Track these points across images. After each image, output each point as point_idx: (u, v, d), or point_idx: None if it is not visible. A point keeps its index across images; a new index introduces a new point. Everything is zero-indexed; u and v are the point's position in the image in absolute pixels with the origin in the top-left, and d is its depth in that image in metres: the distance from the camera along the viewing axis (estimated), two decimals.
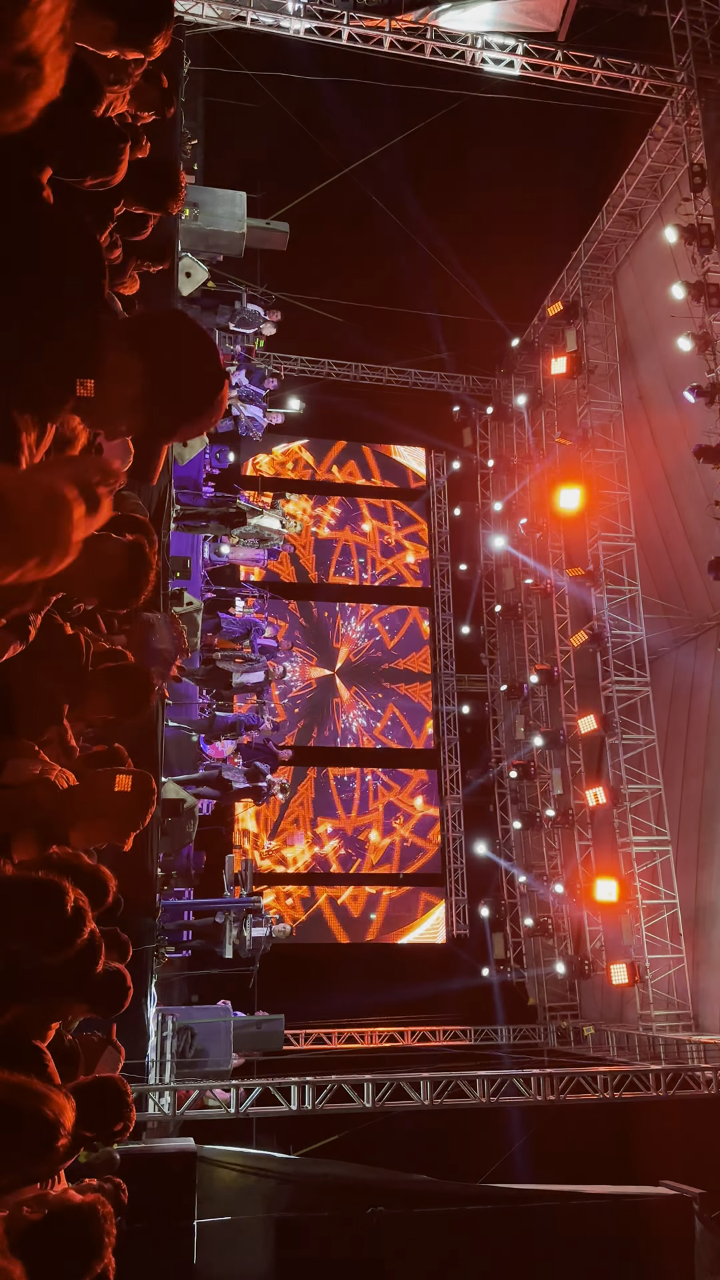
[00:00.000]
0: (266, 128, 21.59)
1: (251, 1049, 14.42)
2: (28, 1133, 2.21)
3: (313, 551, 25.03)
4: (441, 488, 26.32)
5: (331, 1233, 10.57)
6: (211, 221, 15.00)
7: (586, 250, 19.83)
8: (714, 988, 16.67)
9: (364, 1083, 11.87)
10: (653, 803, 18.51)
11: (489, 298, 21.42)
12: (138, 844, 11.11)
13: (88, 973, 2.74)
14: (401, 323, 21.74)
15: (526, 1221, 10.97)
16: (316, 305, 19.98)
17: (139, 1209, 9.60)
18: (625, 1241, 11.04)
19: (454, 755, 24.57)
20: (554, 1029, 20.90)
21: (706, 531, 17.03)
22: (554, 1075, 12.30)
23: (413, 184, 22.19)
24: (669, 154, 17.10)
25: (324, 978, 20.62)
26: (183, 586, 14.27)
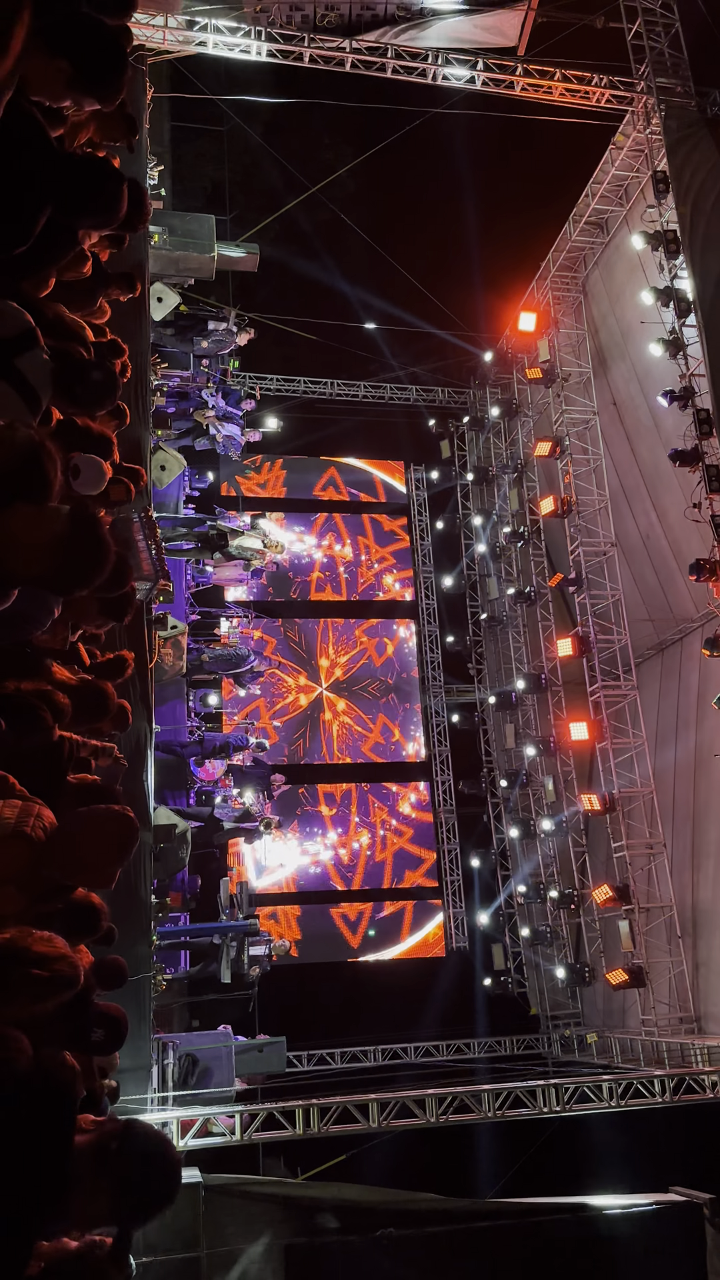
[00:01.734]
0: (233, 151, 21.75)
1: (254, 1073, 14.31)
2: None
3: (296, 569, 25.03)
4: (422, 501, 26.39)
5: (342, 1257, 10.46)
6: (181, 245, 15.04)
7: (555, 260, 19.99)
8: (714, 989, 16.64)
9: (369, 1103, 11.78)
10: (644, 806, 18.53)
11: (461, 310, 21.60)
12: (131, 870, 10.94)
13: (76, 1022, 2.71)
14: (375, 339, 21.85)
15: (538, 1235, 10.88)
16: (290, 325, 20.07)
17: (146, 1243, 9.51)
18: (637, 1250, 10.96)
19: (446, 767, 24.55)
20: (557, 1038, 20.82)
21: (686, 534, 17.12)
22: (559, 1086, 12.24)
23: (381, 201, 22.38)
24: (632, 162, 17.27)
25: (324, 997, 20.51)
26: (166, 610, 14.23)
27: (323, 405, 24.14)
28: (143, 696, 12.12)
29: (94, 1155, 2.23)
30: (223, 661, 17.96)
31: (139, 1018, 11.02)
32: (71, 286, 4.67)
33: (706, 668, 17.50)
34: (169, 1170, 2.35)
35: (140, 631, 11.54)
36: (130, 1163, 2.26)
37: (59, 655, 4.25)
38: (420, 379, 24.63)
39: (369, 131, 18.48)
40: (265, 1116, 11.49)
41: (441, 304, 20.30)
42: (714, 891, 16.86)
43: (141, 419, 12.47)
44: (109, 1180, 2.24)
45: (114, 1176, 2.25)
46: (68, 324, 4.67)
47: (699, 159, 15.54)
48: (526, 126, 17.04)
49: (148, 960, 11.52)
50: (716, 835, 16.84)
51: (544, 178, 20.57)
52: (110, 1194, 2.25)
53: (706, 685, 17.46)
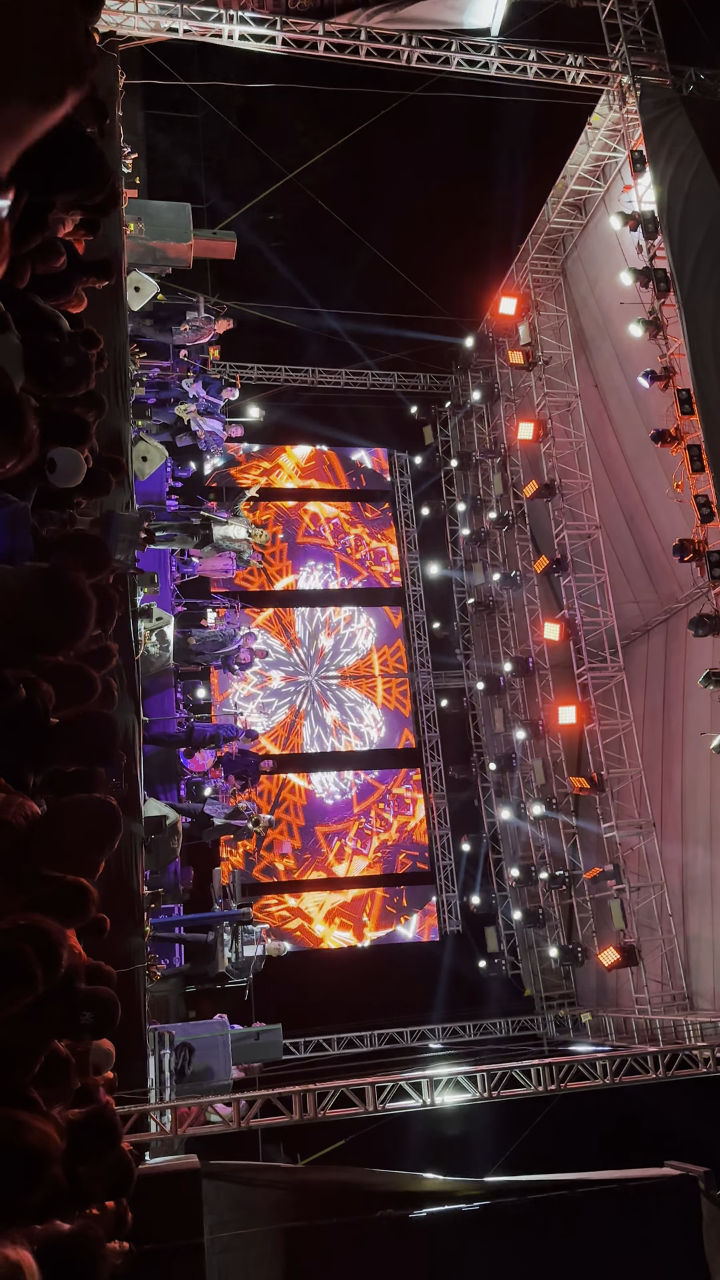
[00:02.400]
0: (208, 139, 21.59)
1: (251, 1061, 14.38)
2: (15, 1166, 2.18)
3: (281, 558, 24.99)
4: (406, 487, 26.37)
5: (343, 1238, 10.53)
6: (158, 234, 14.96)
7: (534, 242, 19.96)
8: (706, 965, 16.78)
9: (365, 1087, 11.84)
10: (634, 786, 18.64)
11: (441, 295, 21.54)
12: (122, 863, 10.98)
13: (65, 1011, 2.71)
14: (355, 325, 21.78)
15: (536, 1211, 10.97)
16: (269, 312, 19.99)
17: (147, 1230, 9.54)
18: (633, 1223, 11.06)
19: (436, 753, 24.61)
20: (552, 1018, 20.97)
21: (670, 514, 17.17)
22: (554, 1065, 12.33)
23: (359, 186, 22.27)
24: (609, 143, 17.25)
25: (319, 984, 20.58)
26: (152, 601, 14.20)
27: (304, 393, 24.08)
28: (130, 688, 12.11)
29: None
30: (210, 643, 17.92)
31: (134, 1009, 11.05)
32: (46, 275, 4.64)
33: (692, 647, 17.59)
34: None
35: (126, 623, 11.53)
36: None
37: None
38: (402, 365, 24.58)
39: (345, 117, 18.37)
40: (263, 1103, 11.54)
41: (421, 289, 20.25)
42: (704, 869, 16.99)
43: (121, 409, 12.42)
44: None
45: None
46: (42, 312, 4.64)
47: (675, 138, 15.52)
48: (502, 108, 17.00)
49: (141, 952, 11.53)
50: (705, 813, 16.95)
51: (521, 160, 20.51)
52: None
53: (692, 665, 17.55)
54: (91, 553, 4.18)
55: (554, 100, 16.57)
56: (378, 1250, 10.49)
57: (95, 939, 4.21)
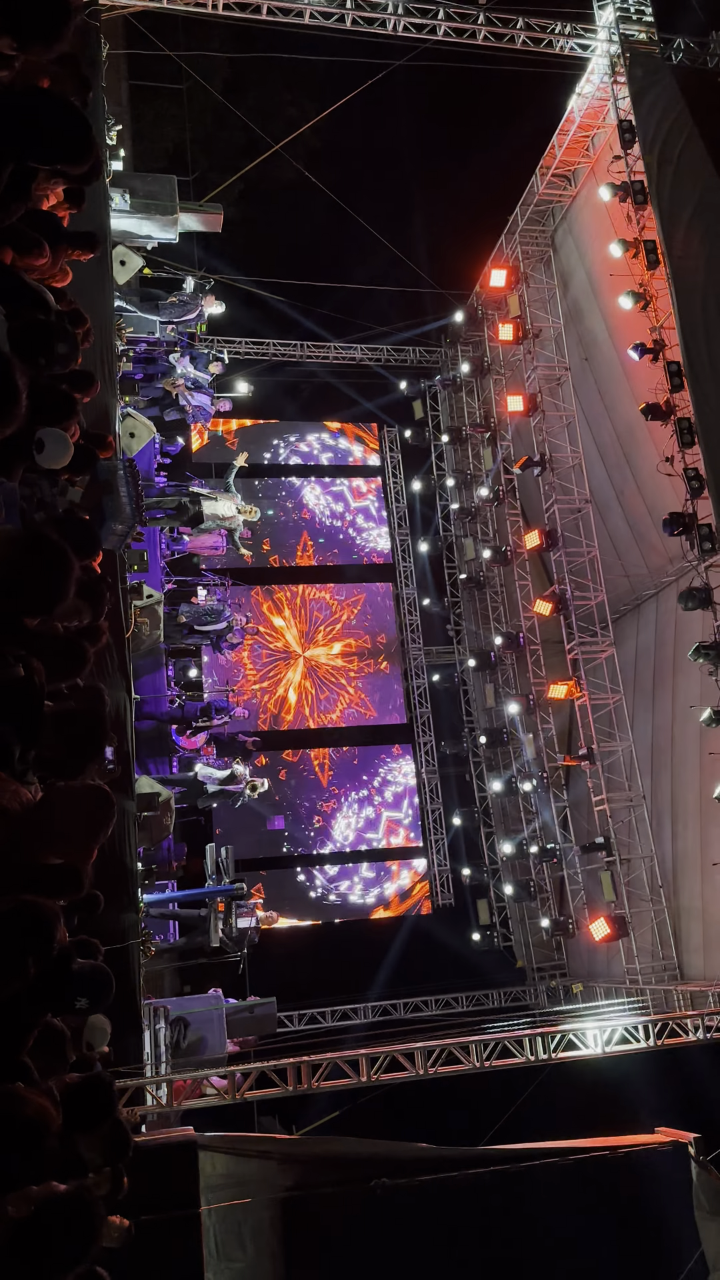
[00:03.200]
0: (194, 110, 21.31)
1: (246, 1034, 14.49)
2: (13, 1137, 2.21)
3: (272, 534, 24.92)
4: (396, 462, 26.28)
5: (337, 1207, 10.67)
6: (143, 208, 14.78)
7: (523, 214, 19.80)
8: (696, 936, 16.96)
9: (359, 1058, 11.96)
10: (624, 759, 18.74)
11: (430, 267, 21.39)
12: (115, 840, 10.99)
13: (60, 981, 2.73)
14: (344, 299, 21.63)
15: (528, 1178, 11.12)
16: (257, 286, 19.82)
17: (144, 1202, 9.66)
18: (625, 1189, 11.23)
19: (427, 728, 24.69)
20: (543, 989, 21.18)
21: (660, 488, 17.16)
22: (545, 1035, 12.47)
23: (346, 158, 22.06)
24: (597, 112, 17.08)
25: (313, 958, 20.75)
26: (141, 579, 14.16)
27: (293, 367, 23.93)
28: (121, 666, 12.10)
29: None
30: (200, 618, 17.86)
31: (129, 984, 11.12)
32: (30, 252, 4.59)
33: (682, 621, 17.64)
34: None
35: (116, 601, 11.50)
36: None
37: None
38: (392, 338, 24.43)
39: (331, 87, 18.14)
40: (258, 1075, 11.65)
41: (410, 261, 20.10)
42: (693, 841, 17.13)
43: (109, 385, 12.33)
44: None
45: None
46: (29, 288, 4.60)
47: (664, 107, 15.39)
48: (490, 77, 16.80)
49: (135, 928, 11.59)
50: (695, 786, 17.06)
51: (510, 130, 20.34)
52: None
53: (682, 639, 17.62)
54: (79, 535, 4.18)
55: (543, 69, 16.40)
56: (372, 1218, 10.63)
57: (88, 916, 4.25)
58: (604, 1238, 10.97)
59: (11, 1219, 2.16)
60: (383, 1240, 10.61)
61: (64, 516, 4.46)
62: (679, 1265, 10.56)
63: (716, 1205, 11.11)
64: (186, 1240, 9.97)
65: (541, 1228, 10.92)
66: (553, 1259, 10.75)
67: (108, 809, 3.08)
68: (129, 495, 9.72)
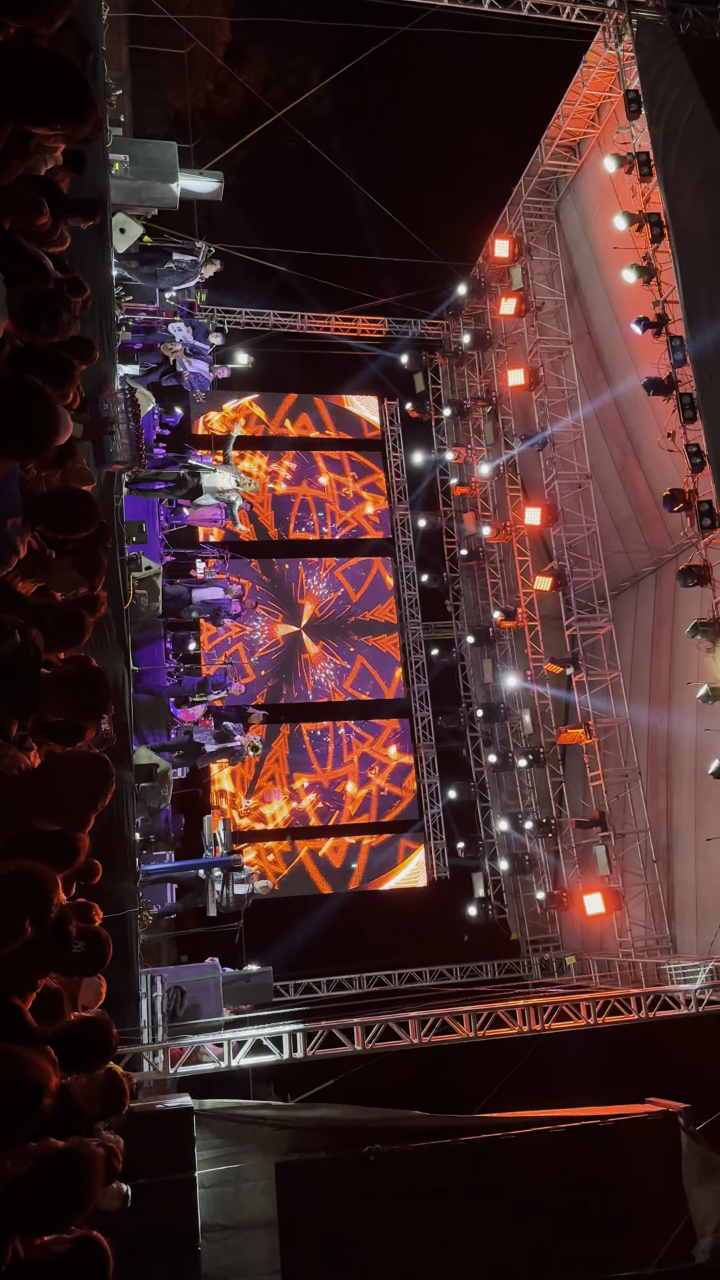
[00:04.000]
0: (195, 75, 21.03)
1: (242, 1003, 14.63)
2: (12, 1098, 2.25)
3: (271, 508, 24.86)
4: (397, 436, 26.16)
5: (330, 1173, 10.83)
6: (143, 174, 14.61)
7: (527, 185, 19.59)
8: (689, 911, 17.08)
9: (353, 1026, 12.09)
10: (620, 735, 18.81)
11: (433, 239, 21.17)
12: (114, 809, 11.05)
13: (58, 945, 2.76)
14: (345, 269, 21.45)
15: (519, 1147, 11.28)
16: (257, 255, 19.65)
17: (141, 1166, 9.80)
18: (616, 1158, 11.40)
19: (425, 703, 24.75)
20: (537, 962, 21.36)
21: (661, 464, 17.10)
22: (538, 1006, 12.60)
23: (348, 126, 21.81)
24: (604, 82, 16.86)
25: (310, 929, 20.91)
26: (140, 551, 14.13)
27: (293, 339, 23.75)
28: (119, 638, 12.12)
29: None
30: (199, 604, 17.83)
31: (126, 952, 11.22)
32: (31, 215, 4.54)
33: (681, 598, 17.65)
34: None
35: (114, 572, 11.49)
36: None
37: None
38: (393, 310, 24.24)
39: (335, 53, 17.91)
40: (253, 1043, 11.78)
41: (413, 232, 19.90)
42: (688, 817, 17.22)
43: (108, 354, 12.25)
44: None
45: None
46: (27, 253, 4.56)
47: (672, 77, 15.17)
48: (496, 45, 16.60)
49: (133, 896, 11.68)
50: (690, 762, 17.13)
51: (515, 99, 20.09)
52: None
53: (680, 616, 17.61)
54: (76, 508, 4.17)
55: (549, 37, 16.18)
56: (365, 1184, 10.79)
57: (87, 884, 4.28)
58: (594, 1204, 11.14)
59: (9, 1174, 2.20)
60: (376, 1205, 10.77)
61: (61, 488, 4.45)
62: (666, 1232, 10.73)
63: (704, 1174, 11.29)
64: (181, 1203, 10.14)
65: (534, 1194, 11.08)
66: (543, 1225, 10.92)
67: (106, 777, 3.10)
68: (129, 434, 9.71)
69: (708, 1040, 13.40)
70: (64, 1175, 2.36)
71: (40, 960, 2.73)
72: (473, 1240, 10.76)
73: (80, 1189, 2.36)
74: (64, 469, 4.74)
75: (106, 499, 11.76)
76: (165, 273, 15.62)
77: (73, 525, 4.13)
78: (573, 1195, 11.17)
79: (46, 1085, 2.32)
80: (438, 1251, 10.66)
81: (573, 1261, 10.88)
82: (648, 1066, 14.18)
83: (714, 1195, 11.05)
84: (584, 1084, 14.64)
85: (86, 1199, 2.35)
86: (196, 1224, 10.22)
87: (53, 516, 3.90)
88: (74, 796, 3.14)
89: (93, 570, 4.32)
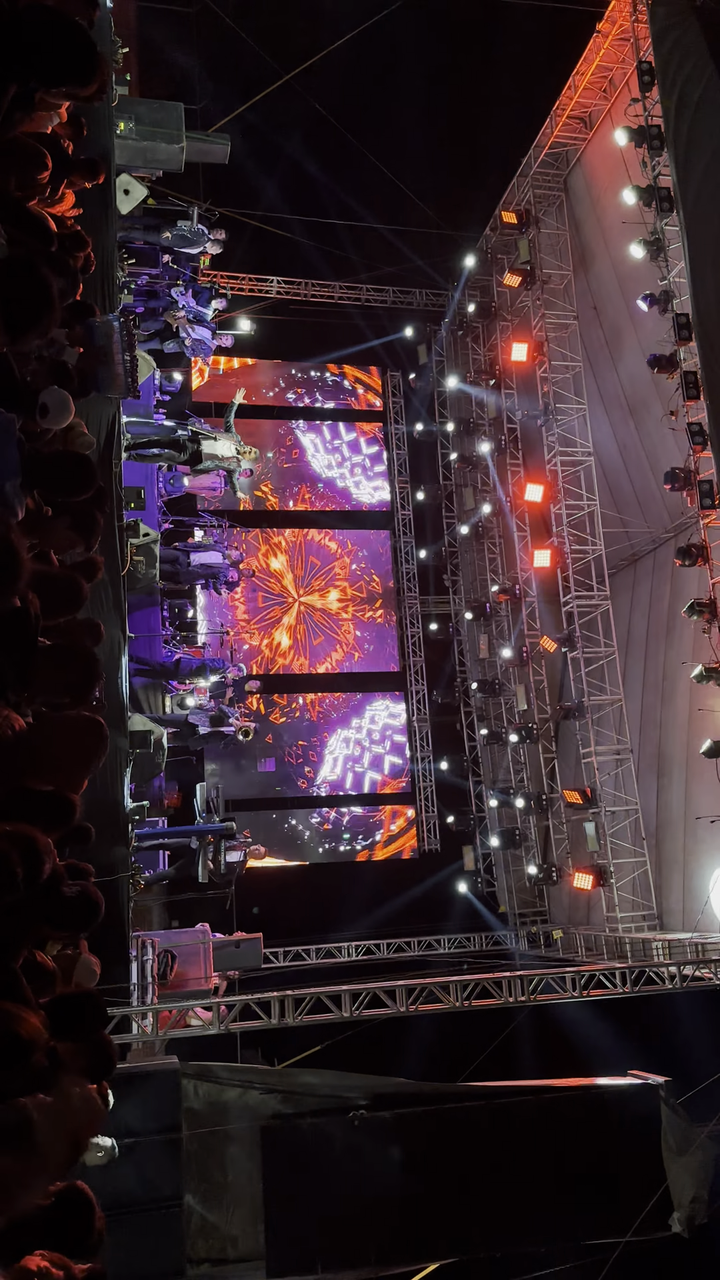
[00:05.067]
0: (203, 35, 20.67)
1: (232, 968, 14.76)
2: (4, 1053, 2.29)
3: (270, 478, 24.76)
4: (399, 407, 26.02)
5: (315, 1137, 10.97)
6: (148, 135, 14.42)
7: (536, 156, 19.37)
8: (676, 887, 17.23)
9: (341, 993, 12.21)
10: (613, 713, 18.87)
11: (440, 208, 20.96)
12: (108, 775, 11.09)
13: (51, 901, 2.79)
14: (351, 236, 21.25)
15: (502, 1116, 11.42)
16: (262, 221, 19.44)
17: (128, 1127, 9.93)
18: (597, 1129, 11.55)
19: (420, 676, 24.80)
20: (524, 934, 21.55)
21: (663, 442, 17.05)
22: (524, 977, 12.72)
23: (357, 91, 21.48)
24: (617, 53, 16.64)
25: (300, 897, 21.07)
26: (138, 517, 14.10)
27: (297, 306, 23.55)
28: (116, 604, 12.10)
29: None
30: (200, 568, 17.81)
31: (118, 916, 11.30)
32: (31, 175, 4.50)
33: (679, 577, 17.65)
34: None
35: (112, 538, 11.46)
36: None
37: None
38: (398, 280, 24.01)
39: (347, 15, 17.61)
40: (242, 1008, 11.89)
41: (420, 201, 19.70)
42: (679, 795, 17.32)
43: None
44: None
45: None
46: (29, 214, 4.52)
47: (686, 49, 14.93)
48: (509, 11, 16.33)
49: (125, 861, 11.75)
50: (683, 741, 17.21)
51: (527, 69, 19.78)
52: None
53: (678, 595, 17.63)
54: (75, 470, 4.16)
55: (562, 4, 15.93)
56: (348, 1147, 10.94)
57: (80, 847, 4.31)
58: (574, 1173, 11.30)
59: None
60: (359, 1171, 10.93)
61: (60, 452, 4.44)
62: (644, 1201, 10.90)
63: (683, 1146, 11.44)
64: (167, 1164, 10.28)
65: (513, 1163, 11.24)
66: (524, 1192, 11.08)
67: (100, 738, 3.13)
68: (124, 363, 9.65)
69: (690, 1015, 13.56)
70: (56, 1122, 2.41)
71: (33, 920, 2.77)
72: (453, 1206, 10.92)
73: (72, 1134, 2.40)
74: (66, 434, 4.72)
75: (105, 464, 11.71)
76: (170, 236, 15.48)
77: (71, 488, 4.13)
78: (553, 1164, 11.32)
79: (37, 1041, 2.36)
80: (419, 1216, 10.83)
81: (552, 1228, 11.06)
82: (631, 1040, 14.36)
83: (691, 1167, 11.21)
84: (567, 1056, 14.83)
85: (77, 1151, 2.40)
86: (181, 1182, 10.37)
87: (51, 478, 3.90)
88: (67, 757, 3.16)
89: (89, 530, 4.32)
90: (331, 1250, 10.58)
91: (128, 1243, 9.35)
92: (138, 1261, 9.50)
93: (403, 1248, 10.79)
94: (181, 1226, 10.17)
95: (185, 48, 21.12)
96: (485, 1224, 10.93)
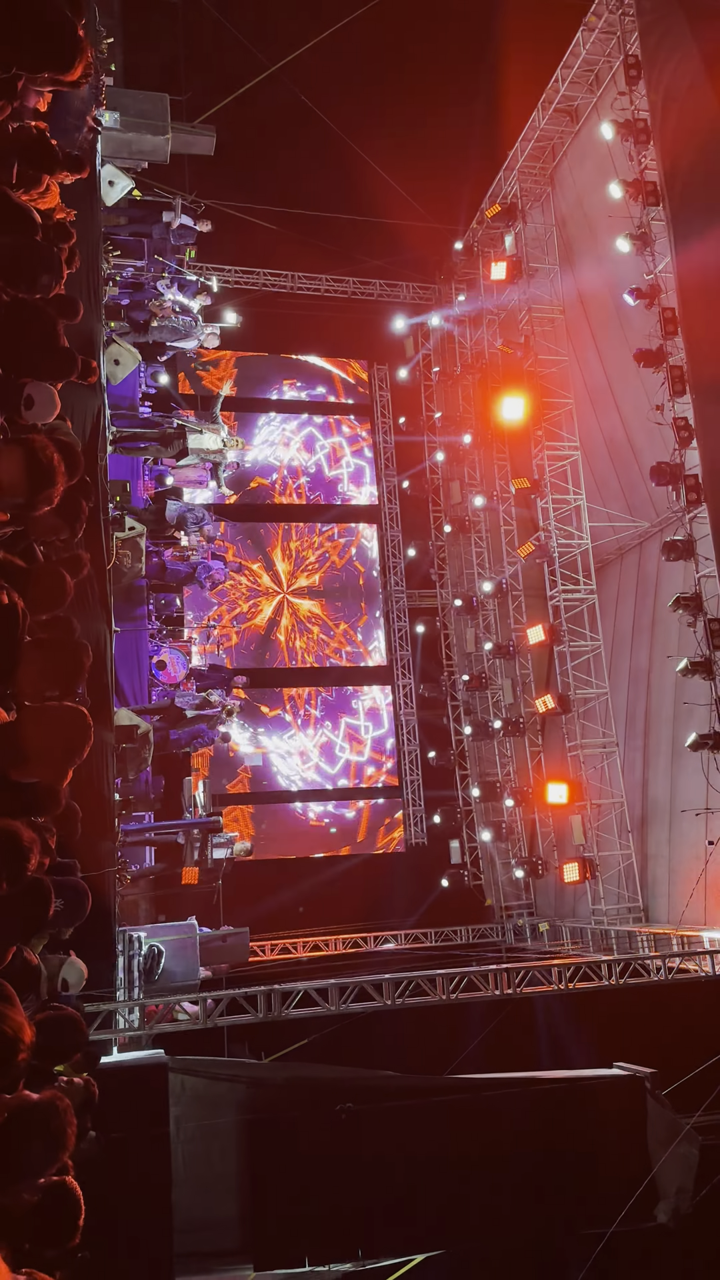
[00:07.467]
0: (189, 25, 20.56)
1: (219, 962, 14.76)
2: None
3: (256, 471, 24.69)
4: (385, 401, 25.98)
5: (303, 1130, 10.98)
6: (134, 126, 14.34)
7: (523, 149, 19.34)
8: (662, 880, 17.31)
9: (328, 987, 12.23)
10: (600, 706, 18.93)
11: (427, 201, 20.91)
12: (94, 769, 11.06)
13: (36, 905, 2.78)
14: (338, 229, 21.16)
15: (489, 1108, 11.46)
16: (248, 213, 19.35)
17: (114, 1120, 9.91)
18: (583, 1120, 11.61)
19: (407, 671, 24.81)
20: (511, 927, 21.62)
21: (649, 437, 17.08)
22: (510, 970, 12.76)
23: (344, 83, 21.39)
24: (604, 46, 16.62)
25: (288, 891, 21.06)
26: (124, 511, 14.04)
27: (283, 299, 23.46)
28: (101, 598, 12.06)
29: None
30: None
31: (105, 911, 11.27)
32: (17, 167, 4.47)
33: (665, 572, 17.70)
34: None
35: (97, 532, 11.41)
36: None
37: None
38: (385, 273, 23.94)
39: (333, 7, 17.52)
40: (229, 1002, 11.89)
41: (407, 194, 19.64)
42: (664, 788, 17.40)
43: (94, 310, 12.09)
44: None
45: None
46: (13, 205, 4.49)
47: (672, 43, 14.92)
48: (495, 4, 16.30)
49: (112, 856, 11.72)
50: (669, 734, 17.29)
51: (514, 61, 19.74)
52: None
53: (664, 589, 17.68)
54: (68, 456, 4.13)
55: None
56: (336, 1142, 10.96)
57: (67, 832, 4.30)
58: (560, 1164, 11.35)
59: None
60: (346, 1164, 10.95)
61: None
62: (629, 1192, 10.96)
63: (668, 1136, 11.51)
64: (154, 1158, 10.26)
65: (500, 1154, 11.28)
66: (510, 1184, 11.13)
67: (84, 729, 3.11)
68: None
69: (675, 1007, 13.63)
70: (38, 1127, 2.40)
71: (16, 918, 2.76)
72: (440, 1197, 10.96)
73: (54, 1141, 2.39)
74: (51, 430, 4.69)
75: (90, 457, 11.65)
76: (155, 229, 15.40)
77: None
78: (540, 1155, 11.37)
79: (22, 1039, 2.35)
80: (406, 1209, 10.86)
81: (539, 1219, 11.11)
82: (617, 1032, 14.42)
83: (677, 1158, 11.28)
84: (555, 1047, 14.89)
85: (60, 1150, 2.39)
86: (169, 1178, 10.36)
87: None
88: (53, 748, 3.15)
89: (73, 516, 4.29)
90: (319, 1243, 10.60)
91: (115, 1237, 9.34)
92: (125, 1256, 9.50)
93: (390, 1240, 10.82)
94: (170, 1222, 10.17)
95: (171, 38, 20.99)
96: (471, 1215, 10.98)
